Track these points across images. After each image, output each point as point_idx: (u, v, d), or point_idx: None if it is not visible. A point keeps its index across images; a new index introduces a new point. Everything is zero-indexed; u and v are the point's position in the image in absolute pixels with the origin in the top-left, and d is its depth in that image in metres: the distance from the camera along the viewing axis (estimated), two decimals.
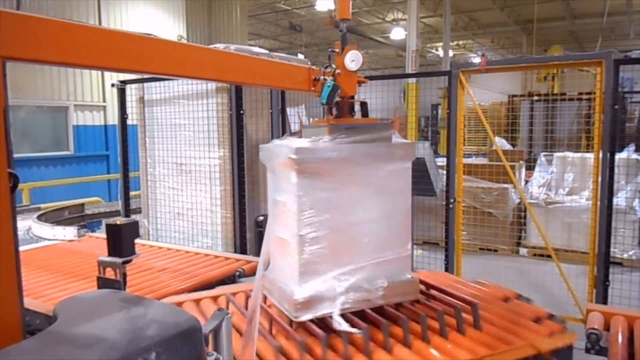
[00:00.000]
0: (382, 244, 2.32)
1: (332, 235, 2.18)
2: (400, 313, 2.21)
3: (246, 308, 2.37)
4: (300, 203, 2.10)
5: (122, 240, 1.86)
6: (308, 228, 2.12)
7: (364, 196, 2.28)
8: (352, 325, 2.05)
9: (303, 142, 2.14)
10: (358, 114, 2.54)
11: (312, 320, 2.13)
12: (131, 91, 5.59)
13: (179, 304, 2.54)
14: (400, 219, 2.37)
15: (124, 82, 5.69)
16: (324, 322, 2.14)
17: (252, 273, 3.36)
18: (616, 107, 4.08)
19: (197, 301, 2.64)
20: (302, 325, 2.16)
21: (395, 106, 2.83)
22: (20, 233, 3.99)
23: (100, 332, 0.91)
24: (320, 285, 2.15)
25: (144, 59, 1.62)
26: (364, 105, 2.57)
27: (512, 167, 5.75)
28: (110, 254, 1.90)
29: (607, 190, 4.13)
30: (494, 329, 2.23)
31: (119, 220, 1.89)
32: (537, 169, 8.07)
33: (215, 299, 2.69)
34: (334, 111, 2.43)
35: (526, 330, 2.24)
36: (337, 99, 2.40)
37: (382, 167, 2.31)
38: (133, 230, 1.92)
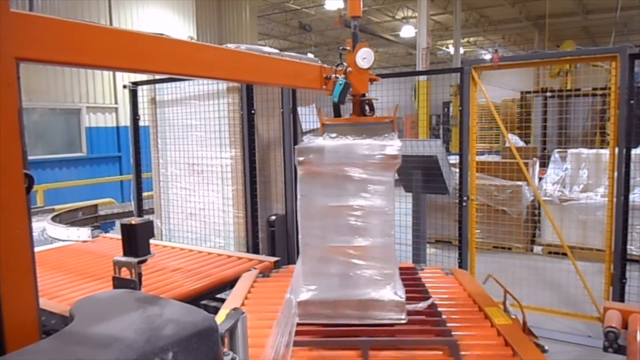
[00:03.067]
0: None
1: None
2: None
3: None
4: (392, 203, 2.10)
5: (137, 240, 1.86)
6: (394, 228, 2.13)
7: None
8: None
9: (388, 142, 2.13)
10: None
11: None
12: (143, 92, 5.62)
13: None
14: None
15: (135, 84, 5.71)
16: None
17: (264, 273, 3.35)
18: (632, 102, 4.02)
19: None
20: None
21: (393, 105, 2.81)
22: (35, 234, 4.02)
23: (117, 332, 0.90)
24: (398, 282, 2.16)
25: (156, 58, 1.61)
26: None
27: (526, 165, 5.68)
28: (125, 254, 1.91)
29: (623, 187, 4.07)
30: None
31: (134, 220, 1.89)
32: (551, 166, 7.98)
33: None
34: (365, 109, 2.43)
35: None
36: (349, 97, 2.39)
37: None
38: (148, 230, 1.92)
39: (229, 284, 3.23)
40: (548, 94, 10.55)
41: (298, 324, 2.05)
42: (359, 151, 2.07)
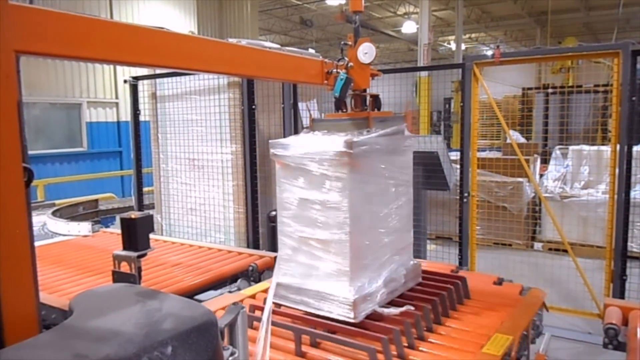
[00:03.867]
0: (399, 234, 2.44)
1: (370, 231, 2.22)
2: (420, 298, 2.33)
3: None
4: (349, 200, 2.09)
5: (137, 234, 1.86)
6: (355, 225, 2.11)
7: (387, 189, 2.35)
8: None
9: (347, 137, 2.13)
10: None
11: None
12: (143, 87, 5.61)
13: None
14: (407, 208, 2.53)
15: (136, 78, 5.71)
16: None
17: (264, 269, 3.36)
18: (634, 98, 4.01)
19: None
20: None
21: (407, 99, 2.86)
22: (35, 229, 4.03)
23: (116, 326, 0.90)
24: (366, 282, 2.17)
25: (156, 52, 1.61)
26: (377, 99, 2.55)
27: (527, 161, 5.67)
28: (125, 248, 1.90)
29: (625, 184, 4.07)
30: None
31: (134, 214, 1.89)
32: (552, 162, 7.97)
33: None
34: (352, 104, 2.43)
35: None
36: (350, 92, 2.39)
37: (398, 159, 2.41)
38: (148, 224, 1.92)
39: (229, 279, 3.23)
40: (550, 90, 10.54)
41: (273, 303, 2.16)
42: (316, 147, 2.13)
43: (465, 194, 4.66)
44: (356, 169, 2.11)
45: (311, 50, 5.29)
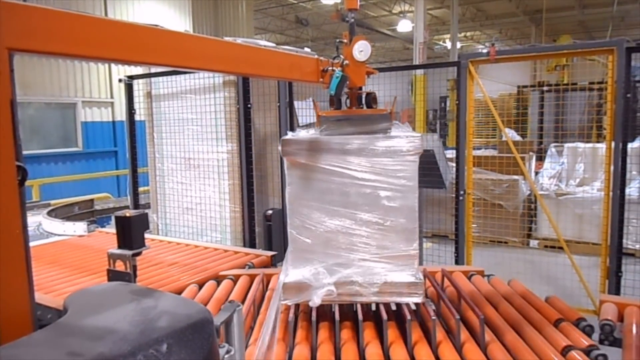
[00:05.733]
0: (381, 240, 2.24)
1: (323, 227, 2.26)
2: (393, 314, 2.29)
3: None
4: (289, 192, 2.26)
5: (131, 232, 1.85)
6: (297, 217, 2.27)
7: (357, 189, 2.23)
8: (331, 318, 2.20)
9: (294, 134, 2.28)
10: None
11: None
12: (138, 86, 5.59)
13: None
14: (399, 216, 2.22)
15: (131, 78, 5.68)
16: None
17: (261, 267, 3.36)
18: (628, 95, 4.02)
19: None
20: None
21: (394, 96, 2.83)
22: (30, 229, 4.00)
23: (110, 324, 0.90)
24: (308, 272, 2.24)
25: (151, 50, 1.60)
26: (368, 95, 2.53)
27: (522, 159, 5.68)
28: (119, 246, 1.89)
29: (619, 181, 4.08)
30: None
31: (128, 212, 1.88)
32: (547, 160, 8.00)
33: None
34: (335, 102, 2.44)
35: None
36: (346, 90, 2.38)
37: (381, 161, 2.21)
38: (142, 222, 1.91)
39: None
40: (545, 88, 10.56)
41: None
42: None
43: (461, 192, 4.67)
44: (297, 165, 2.23)
45: (307, 49, 5.27)
